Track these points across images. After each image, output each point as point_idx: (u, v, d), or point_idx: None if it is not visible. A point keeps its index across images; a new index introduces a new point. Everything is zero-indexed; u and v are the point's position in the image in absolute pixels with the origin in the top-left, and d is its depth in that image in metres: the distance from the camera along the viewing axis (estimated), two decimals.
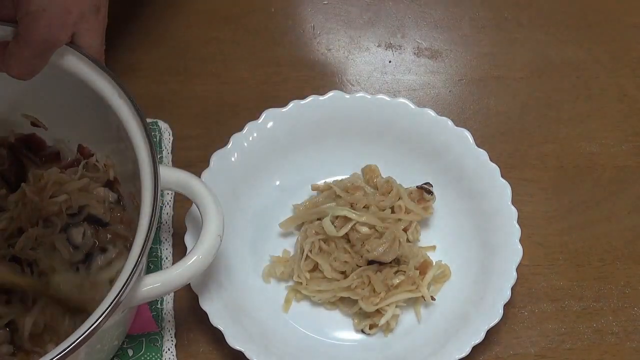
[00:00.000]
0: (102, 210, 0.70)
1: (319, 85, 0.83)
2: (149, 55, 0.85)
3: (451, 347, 0.67)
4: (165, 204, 0.77)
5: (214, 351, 0.71)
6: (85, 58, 0.61)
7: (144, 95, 0.80)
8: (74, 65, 0.62)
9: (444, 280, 0.73)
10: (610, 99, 0.85)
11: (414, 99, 0.83)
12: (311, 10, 0.89)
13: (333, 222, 0.71)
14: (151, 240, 0.57)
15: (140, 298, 0.59)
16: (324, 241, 0.71)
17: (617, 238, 0.77)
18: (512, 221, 0.72)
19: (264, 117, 0.76)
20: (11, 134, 0.73)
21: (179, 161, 0.79)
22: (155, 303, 0.72)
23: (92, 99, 0.62)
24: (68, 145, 0.73)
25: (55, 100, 0.68)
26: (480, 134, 0.78)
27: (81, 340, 0.53)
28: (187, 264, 0.60)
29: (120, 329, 0.67)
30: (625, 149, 0.82)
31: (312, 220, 0.73)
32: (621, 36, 0.88)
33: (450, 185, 0.76)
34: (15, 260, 0.68)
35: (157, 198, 0.58)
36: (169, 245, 0.75)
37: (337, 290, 0.71)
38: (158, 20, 0.85)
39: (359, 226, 0.71)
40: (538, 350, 0.72)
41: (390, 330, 0.71)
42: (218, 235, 0.61)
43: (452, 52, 0.87)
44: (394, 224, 0.72)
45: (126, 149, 0.62)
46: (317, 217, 0.73)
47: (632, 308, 0.74)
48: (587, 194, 0.79)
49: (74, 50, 0.61)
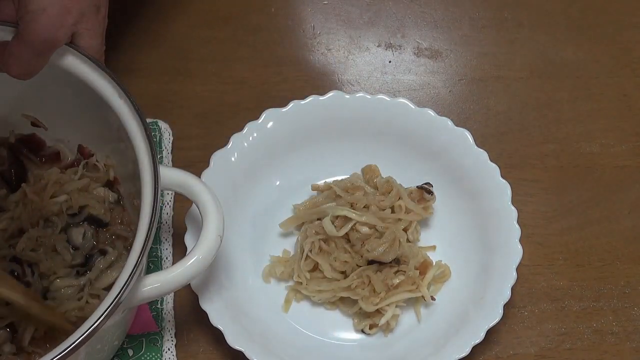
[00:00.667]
0: (102, 211, 0.70)
1: (319, 85, 0.84)
2: (149, 55, 0.85)
3: (451, 347, 0.67)
4: (165, 204, 0.77)
5: (214, 351, 0.71)
6: (85, 58, 0.61)
7: (144, 95, 0.80)
8: (74, 65, 0.61)
9: (444, 280, 0.73)
10: (610, 99, 0.85)
11: (414, 99, 0.83)
12: (311, 10, 0.89)
13: (333, 222, 0.71)
14: (151, 240, 0.57)
15: (140, 298, 0.59)
16: (324, 241, 0.71)
17: (617, 238, 0.77)
18: (512, 221, 0.72)
19: (264, 117, 0.76)
20: (11, 134, 0.73)
21: (179, 161, 0.79)
22: (155, 303, 0.72)
23: (92, 99, 0.62)
24: (68, 145, 0.73)
25: (55, 100, 0.68)
26: (480, 134, 0.78)
27: (81, 340, 0.53)
28: (187, 264, 0.60)
29: (121, 329, 0.67)
30: (625, 149, 0.82)
31: (312, 220, 0.73)
32: (621, 36, 0.88)
33: (450, 185, 0.76)
34: (16, 261, 0.68)
35: (157, 198, 0.58)
36: (169, 245, 0.75)
37: (337, 290, 0.71)
38: (158, 20, 0.85)
39: (359, 226, 0.71)
40: (538, 350, 0.72)
41: (390, 330, 0.71)
42: (218, 235, 0.61)
43: (452, 52, 0.87)
44: (394, 223, 0.72)
45: (126, 149, 0.62)
46: (317, 217, 0.73)
47: (632, 308, 0.74)
48: (587, 194, 0.79)
49: (74, 50, 0.61)
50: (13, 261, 0.68)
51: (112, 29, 0.86)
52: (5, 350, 0.64)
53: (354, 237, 0.71)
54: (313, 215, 0.73)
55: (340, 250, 0.71)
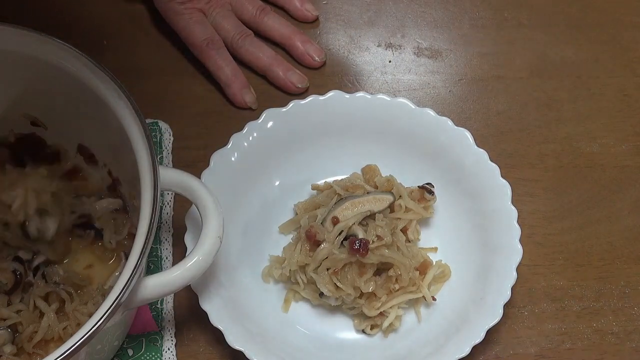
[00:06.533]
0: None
1: (319, 85, 0.83)
2: (149, 55, 0.85)
3: (451, 347, 0.67)
4: (165, 204, 0.77)
5: (214, 351, 0.71)
6: (85, 58, 0.61)
7: (144, 95, 0.80)
8: (74, 65, 0.61)
9: (444, 280, 0.73)
10: (610, 99, 0.85)
11: (414, 98, 0.83)
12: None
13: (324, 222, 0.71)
14: (151, 241, 0.57)
15: (141, 299, 0.59)
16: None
17: (617, 238, 0.77)
18: (512, 221, 0.72)
19: (264, 117, 0.76)
20: (11, 133, 0.72)
21: (179, 161, 0.79)
22: (155, 303, 0.72)
23: (92, 99, 0.62)
24: (68, 145, 0.73)
25: (56, 100, 0.68)
26: (480, 134, 0.78)
27: (82, 342, 0.53)
28: (187, 266, 0.60)
29: (121, 329, 0.67)
30: (625, 149, 0.82)
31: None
32: (621, 36, 0.88)
33: (450, 185, 0.76)
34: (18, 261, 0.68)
35: (157, 199, 0.58)
36: (169, 245, 0.75)
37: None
38: (158, 20, 0.85)
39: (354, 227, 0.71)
40: (538, 350, 0.72)
41: (393, 331, 0.71)
42: (218, 236, 0.61)
43: (452, 52, 0.87)
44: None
45: (126, 149, 0.61)
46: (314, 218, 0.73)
47: (632, 308, 0.74)
48: (587, 194, 0.79)
49: (74, 50, 0.61)
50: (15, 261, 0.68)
51: (112, 29, 0.87)
52: (6, 351, 0.64)
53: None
54: (312, 218, 0.73)
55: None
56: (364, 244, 0.68)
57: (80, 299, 0.67)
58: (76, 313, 0.66)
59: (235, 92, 0.81)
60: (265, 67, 0.83)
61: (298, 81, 0.82)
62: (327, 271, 0.69)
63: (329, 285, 0.69)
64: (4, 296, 0.67)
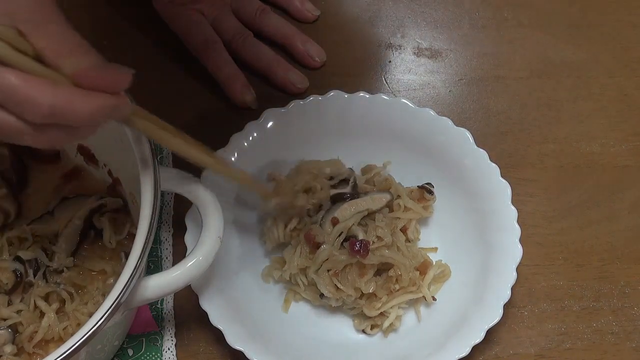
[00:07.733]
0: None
1: (319, 85, 0.83)
2: (149, 55, 0.85)
3: (451, 347, 0.67)
4: (165, 204, 0.77)
5: (214, 351, 0.71)
6: None
7: (144, 95, 0.80)
8: None
9: (444, 280, 0.73)
10: (610, 99, 0.85)
11: (413, 98, 0.83)
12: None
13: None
14: (151, 241, 0.57)
15: (141, 299, 0.59)
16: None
17: (617, 238, 0.77)
18: (512, 221, 0.72)
19: (264, 117, 0.76)
20: None
21: (179, 161, 0.79)
22: (155, 303, 0.72)
23: None
24: (68, 146, 0.73)
25: None
26: (480, 134, 0.78)
27: (82, 342, 0.53)
28: (187, 266, 0.60)
29: (121, 329, 0.67)
30: (625, 149, 0.82)
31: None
32: (621, 36, 0.89)
33: (450, 185, 0.76)
34: (19, 261, 0.68)
35: (157, 199, 0.58)
36: (169, 245, 0.75)
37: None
38: (158, 20, 0.85)
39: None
40: (538, 350, 0.72)
41: (393, 330, 0.71)
42: (218, 236, 0.61)
43: (452, 52, 0.87)
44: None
45: (126, 150, 0.61)
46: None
47: (632, 308, 0.74)
48: (587, 194, 0.80)
49: None
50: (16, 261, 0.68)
51: (113, 29, 0.87)
52: (6, 351, 0.64)
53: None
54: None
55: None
56: (364, 245, 0.68)
57: (80, 299, 0.67)
58: (76, 313, 0.66)
59: (235, 92, 0.81)
60: (265, 67, 0.83)
61: (298, 81, 0.82)
62: (328, 272, 0.69)
63: (330, 287, 0.69)
64: (5, 296, 0.67)
